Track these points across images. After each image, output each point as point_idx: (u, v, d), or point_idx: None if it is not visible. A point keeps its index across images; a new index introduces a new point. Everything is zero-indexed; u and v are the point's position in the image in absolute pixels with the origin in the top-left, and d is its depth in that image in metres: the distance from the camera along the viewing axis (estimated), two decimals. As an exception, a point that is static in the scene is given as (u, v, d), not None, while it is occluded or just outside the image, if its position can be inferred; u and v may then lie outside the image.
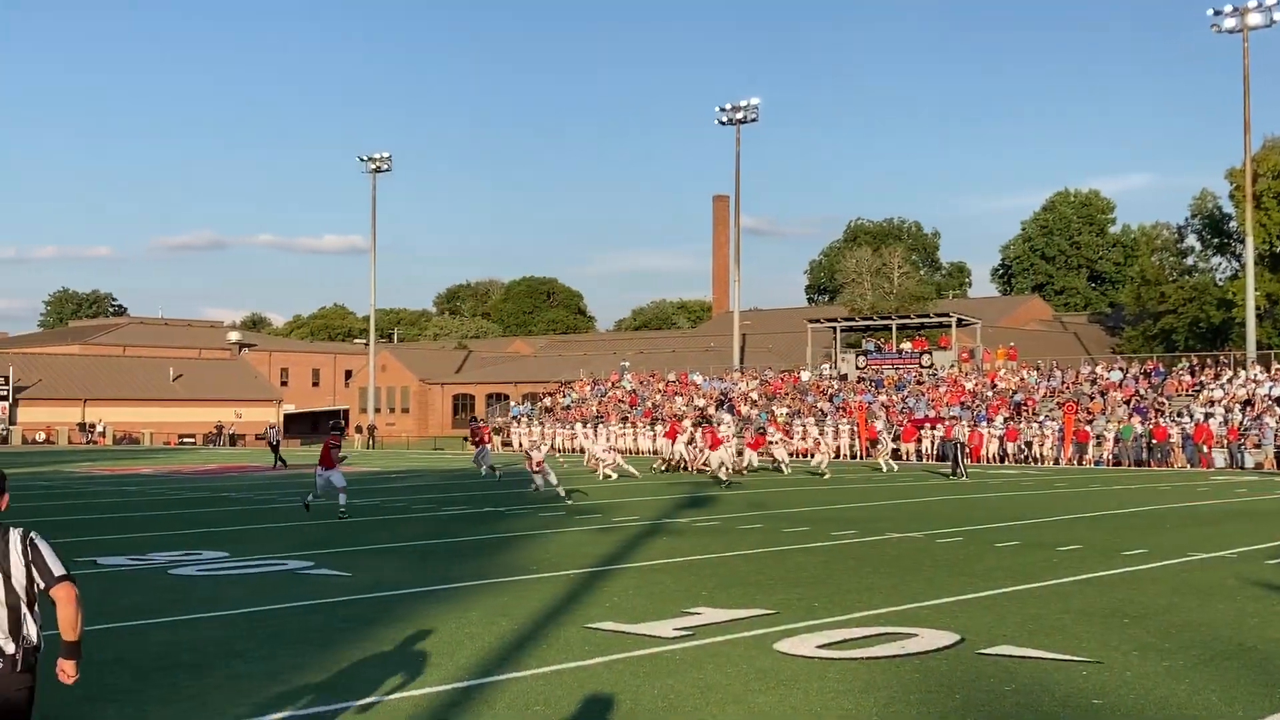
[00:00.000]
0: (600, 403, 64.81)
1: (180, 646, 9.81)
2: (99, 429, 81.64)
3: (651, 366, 75.21)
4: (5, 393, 79.45)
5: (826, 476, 34.22)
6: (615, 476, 33.72)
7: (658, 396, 63.32)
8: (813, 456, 38.82)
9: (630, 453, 50.25)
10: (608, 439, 50.18)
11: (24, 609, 4.97)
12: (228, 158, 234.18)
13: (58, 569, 5.04)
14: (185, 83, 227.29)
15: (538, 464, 26.37)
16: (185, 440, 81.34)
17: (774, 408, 56.24)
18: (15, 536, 5.03)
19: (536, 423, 62.89)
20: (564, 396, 68.26)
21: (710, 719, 7.57)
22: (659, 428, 38.69)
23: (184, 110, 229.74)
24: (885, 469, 38.88)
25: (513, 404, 74.32)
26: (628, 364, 75.69)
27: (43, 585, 5.00)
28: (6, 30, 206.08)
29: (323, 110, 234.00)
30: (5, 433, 77.21)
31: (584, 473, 35.51)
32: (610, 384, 68.91)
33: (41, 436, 78.11)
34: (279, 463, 43.39)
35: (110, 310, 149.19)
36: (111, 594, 12.68)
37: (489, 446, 37.65)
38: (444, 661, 9.30)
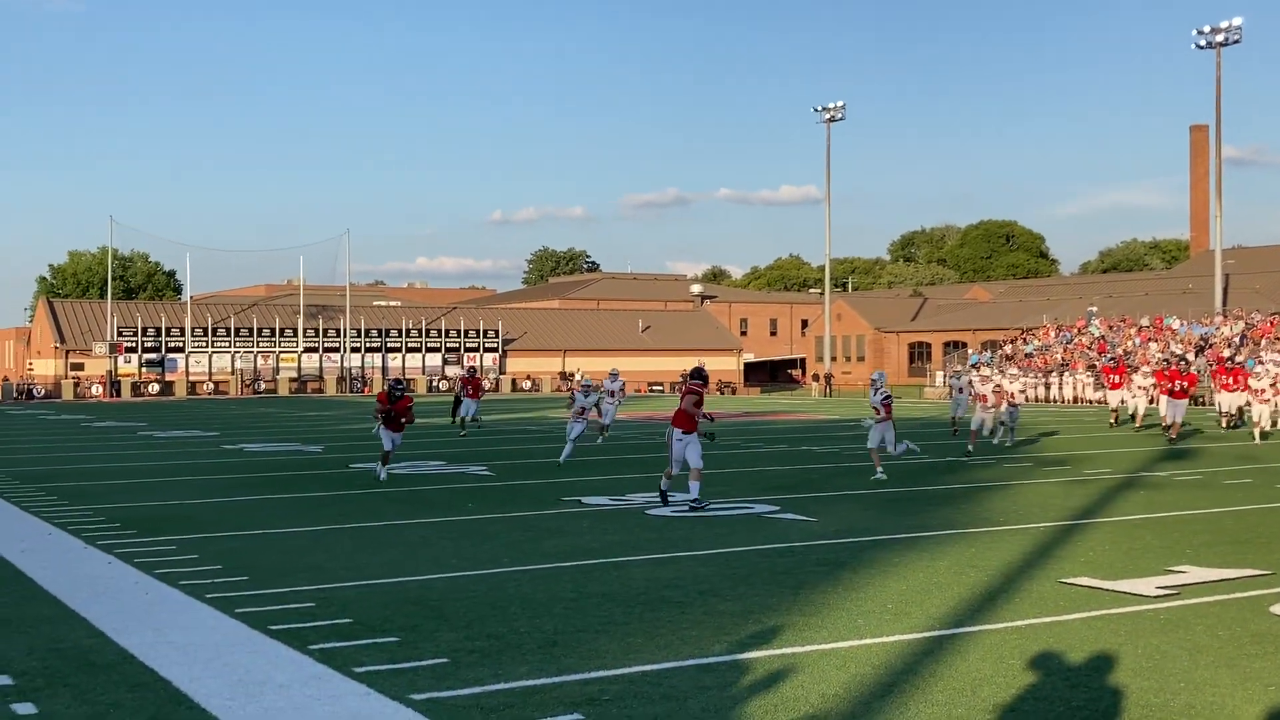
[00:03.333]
0: (1065, 349, 62.12)
1: (660, 583, 10.35)
2: (577, 377, 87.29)
3: (1121, 310, 71.24)
4: (496, 345, 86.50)
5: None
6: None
7: (1130, 343, 59.89)
8: None
9: (1097, 403, 47.85)
10: (1074, 388, 48.07)
11: None
12: (689, 117, 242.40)
13: None
14: (648, 50, 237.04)
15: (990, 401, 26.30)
16: (654, 387, 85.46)
17: (1263, 354, 51.74)
18: None
19: (996, 370, 61.15)
20: (1025, 343, 65.96)
21: (1202, 683, 7.13)
22: (1138, 377, 34.03)
23: (646, 76, 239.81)
24: None
25: (971, 352, 72.66)
26: (1095, 308, 72.05)
27: None
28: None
29: (777, 63, 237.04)
30: (496, 380, 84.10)
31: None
32: (1076, 330, 65.88)
33: (528, 384, 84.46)
34: (459, 421, 33.70)
35: (584, 266, 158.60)
36: (597, 531, 13.56)
37: (477, 401, 31.87)
38: (913, 609, 9.28)
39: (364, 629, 8.57)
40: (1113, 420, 34.72)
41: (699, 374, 16.14)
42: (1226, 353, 52.62)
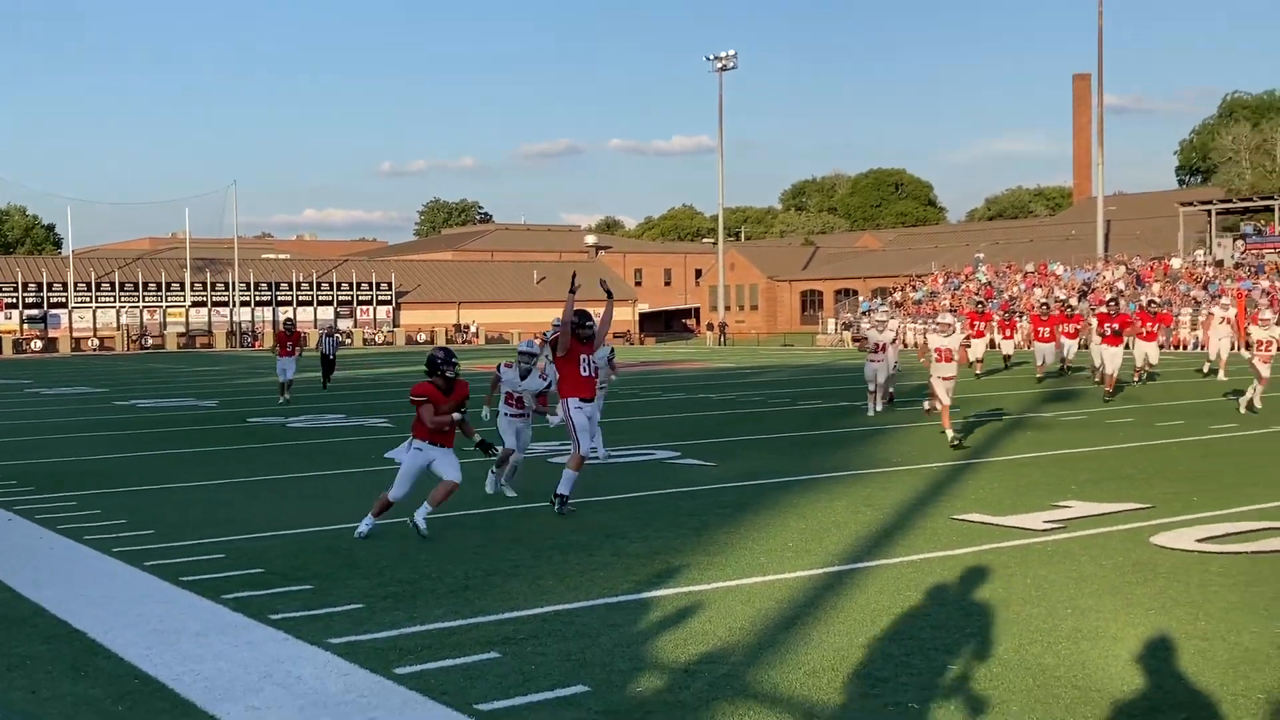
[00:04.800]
0: (953, 295, 63.42)
1: (567, 528, 10.54)
2: (472, 329, 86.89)
3: (1008, 257, 72.82)
4: (389, 297, 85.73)
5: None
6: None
7: (1015, 288, 61.34)
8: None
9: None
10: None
11: None
12: (580, 67, 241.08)
13: None
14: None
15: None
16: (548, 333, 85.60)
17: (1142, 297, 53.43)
18: None
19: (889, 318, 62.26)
20: (915, 290, 67.22)
21: (1087, 609, 7.53)
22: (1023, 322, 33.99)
23: (536, 24, 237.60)
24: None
25: (862, 299, 73.83)
26: (982, 255, 73.58)
27: None
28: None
29: (668, 12, 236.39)
30: (391, 334, 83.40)
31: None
32: (964, 276, 67.29)
33: (422, 337, 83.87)
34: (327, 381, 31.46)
35: (477, 218, 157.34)
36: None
37: (293, 359, 27.59)
38: (813, 547, 9.61)
39: (276, 578, 8.64)
40: (1003, 364, 34.46)
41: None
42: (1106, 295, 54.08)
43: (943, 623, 7.29)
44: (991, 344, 35.09)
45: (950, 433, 16.23)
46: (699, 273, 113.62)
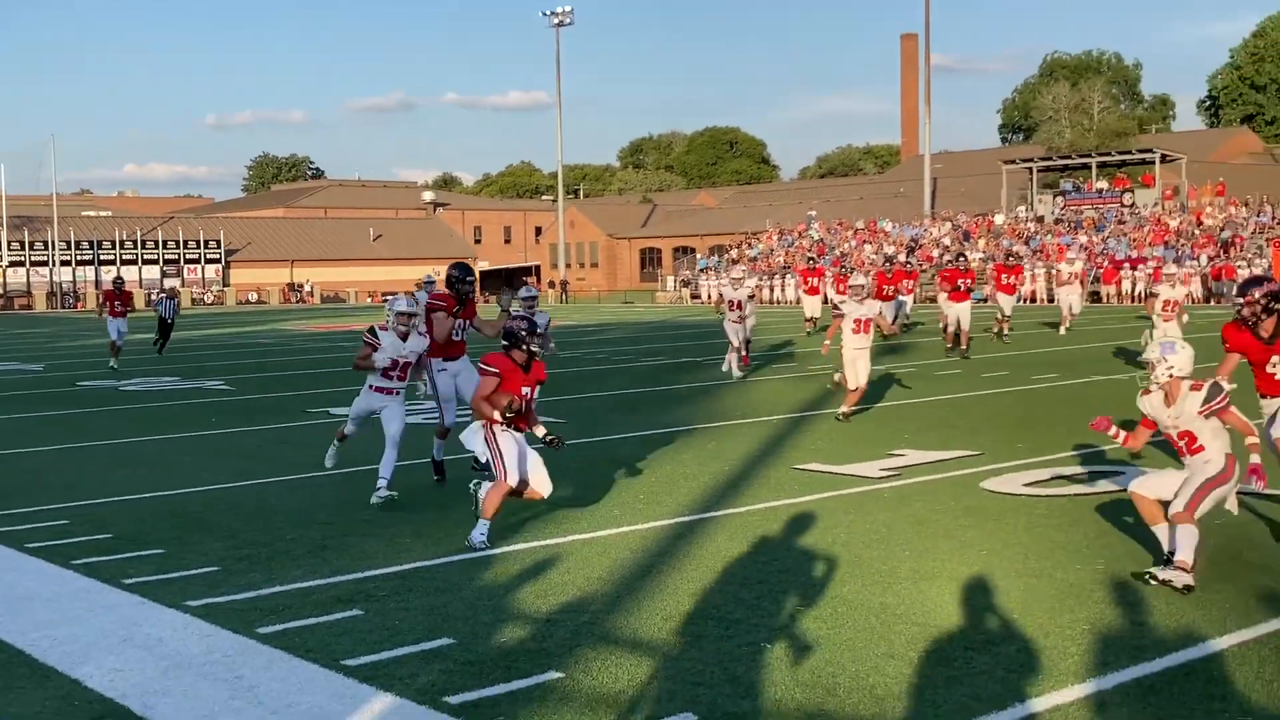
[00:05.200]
0: (788, 253, 64.63)
1: (421, 487, 10.62)
2: (306, 288, 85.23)
3: (839, 214, 74.41)
4: (218, 256, 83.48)
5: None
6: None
7: (847, 245, 62.79)
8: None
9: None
10: (795, 289, 49.95)
11: None
12: (414, 16, 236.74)
13: None
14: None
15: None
16: (388, 297, 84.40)
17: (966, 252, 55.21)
18: None
19: (724, 274, 63.17)
20: (750, 247, 68.26)
21: (924, 551, 7.94)
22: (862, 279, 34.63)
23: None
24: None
25: (699, 256, 74.69)
26: (814, 213, 75.05)
27: None
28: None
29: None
30: (221, 294, 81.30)
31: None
32: (797, 233, 68.57)
33: (254, 297, 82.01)
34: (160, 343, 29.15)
35: (308, 173, 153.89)
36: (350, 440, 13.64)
37: (124, 319, 25.02)
38: (664, 498, 9.87)
39: (126, 543, 8.53)
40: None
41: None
42: (934, 253, 55.82)
43: (789, 567, 7.61)
44: (826, 300, 35.68)
45: (845, 410, 14.43)
46: (539, 230, 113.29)
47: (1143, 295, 46.40)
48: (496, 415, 8.33)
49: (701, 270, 66.97)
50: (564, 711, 5.27)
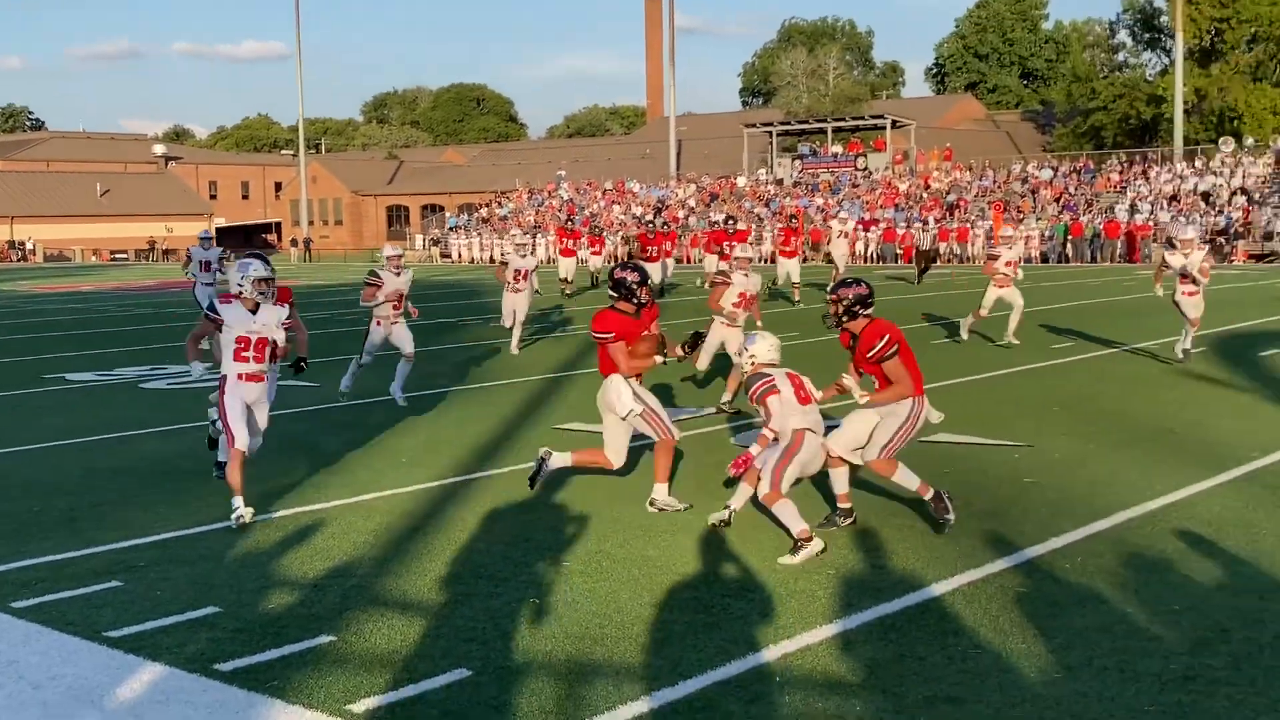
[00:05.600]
0: (538, 212, 64.81)
1: (172, 455, 10.36)
2: (29, 246, 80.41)
3: (588, 175, 74.93)
4: (-72, 212, 77.92)
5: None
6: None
7: (596, 205, 63.41)
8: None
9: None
10: (546, 249, 50.43)
11: None
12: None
13: None
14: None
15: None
16: (118, 256, 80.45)
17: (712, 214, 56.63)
18: None
19: (475, 234, 62.97)
20: (500, 206, 68.12)
21: (683, 499, 8.28)
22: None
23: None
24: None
25: (449, 215, 74.07)
26: (564, 173, 75.36)
27: None
28: None
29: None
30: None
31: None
32: (547, 193, 68.79)
33: (-31, 256, 76.93)
34: None
35: (27, 125, 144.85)
36: (91, 407, 13.15)
37: None
38: (427, 460, 9.95)
39: None
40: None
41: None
42: (715, 217, 56.93)
43: (554, 524, 7.84)
44: (582, 261, 35.94)
45: (729, 396, 12.25)
46: (279, 185, 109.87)
47: (876, 256, 48.76)
48: (657, 359, 8.21)
49: (451, 229, 66.47)
50: (337, 674, 5.35)
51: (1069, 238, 45.21)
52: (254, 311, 8.30)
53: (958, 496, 7.71)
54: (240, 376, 8.20)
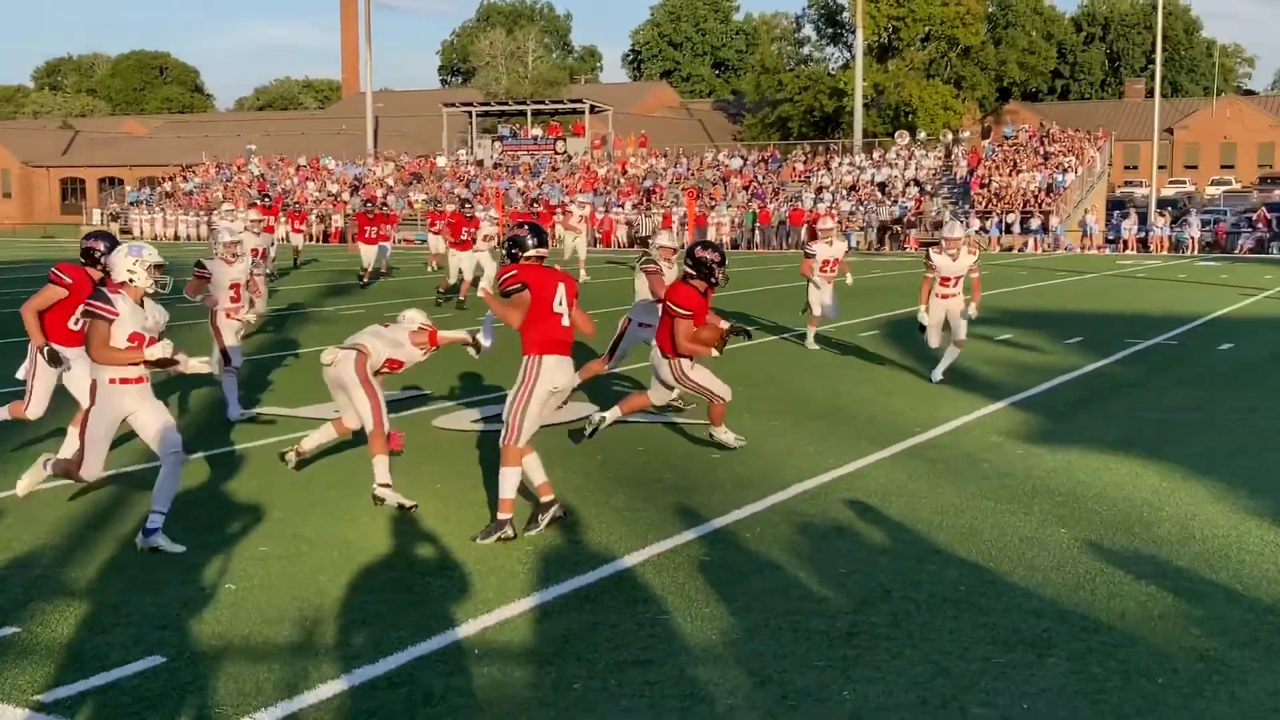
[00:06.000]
0: (226, 188, 62.48)
1: None
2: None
3: (280, 149, 72.68)
4: None
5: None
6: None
7: (289, 182, 61.70)
8: None
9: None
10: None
11: None
12: None
13: None
14: None
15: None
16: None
17: (411, 194, 56.09)
18: None
19: (158, 209, 60.21)
20: (185, 181, 65.31)
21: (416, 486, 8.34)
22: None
23: None
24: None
25: (129, 189, 70.46)
26: (254, 147, 72.86)
27: None
28: None
29: None
30: None
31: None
32: (236, 168, 66.40)
33: None
34: None
35: None
36: None
37: None
38: (117, 448, 9.57)
39: None
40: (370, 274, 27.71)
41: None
42: (379, 193, 56.10)
43: (248, 511, 7.77)
44: (285, 238, 34.25)
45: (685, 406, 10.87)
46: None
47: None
48: (715, 350, 8.25)
49: (132, 204, 63.29)
50: (24, 665, 5.20)
51: (756, 225, 47.20)
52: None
53: (650, 470, 8.07)
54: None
